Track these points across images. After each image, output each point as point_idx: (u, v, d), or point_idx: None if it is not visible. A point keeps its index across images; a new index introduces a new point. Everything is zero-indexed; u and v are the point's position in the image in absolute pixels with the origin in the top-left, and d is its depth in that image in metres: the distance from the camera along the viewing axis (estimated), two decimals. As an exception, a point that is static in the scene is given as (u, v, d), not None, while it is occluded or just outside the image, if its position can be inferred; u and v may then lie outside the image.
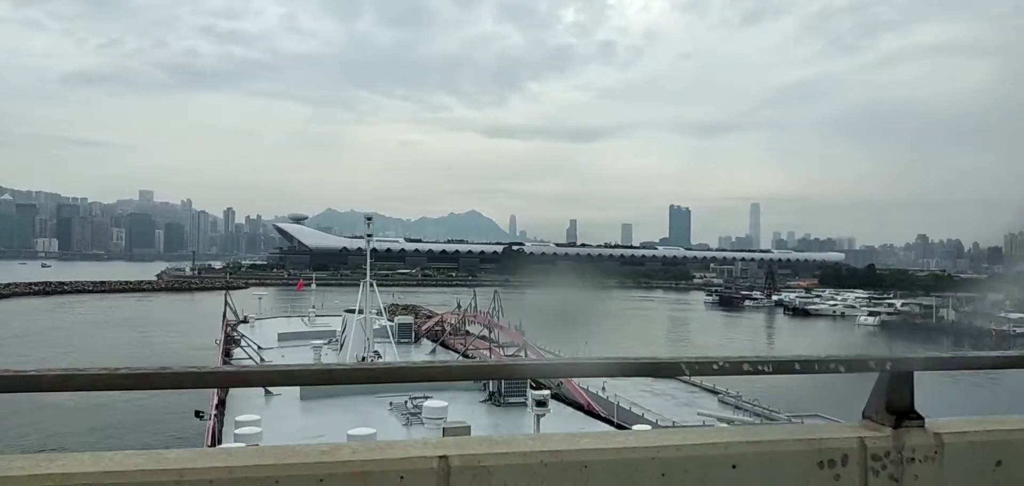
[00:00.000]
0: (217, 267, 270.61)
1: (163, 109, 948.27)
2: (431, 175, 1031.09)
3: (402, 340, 50.09)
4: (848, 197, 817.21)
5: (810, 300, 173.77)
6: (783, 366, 2.91)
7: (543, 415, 23.48)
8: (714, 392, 45.00)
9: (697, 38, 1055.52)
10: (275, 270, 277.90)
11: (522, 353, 44.81)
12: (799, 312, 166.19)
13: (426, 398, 25.63)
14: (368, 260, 39.66)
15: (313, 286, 49.97)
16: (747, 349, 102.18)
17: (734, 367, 2.93)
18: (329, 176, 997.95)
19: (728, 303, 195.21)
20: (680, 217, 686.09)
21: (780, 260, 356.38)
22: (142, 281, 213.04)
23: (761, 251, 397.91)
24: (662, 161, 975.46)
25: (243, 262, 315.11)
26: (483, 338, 52.69)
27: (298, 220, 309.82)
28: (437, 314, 71.90)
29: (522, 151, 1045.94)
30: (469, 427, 21.09)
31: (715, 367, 2.90)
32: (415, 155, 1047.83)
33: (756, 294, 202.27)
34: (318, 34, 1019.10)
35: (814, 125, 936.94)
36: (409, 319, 56.59)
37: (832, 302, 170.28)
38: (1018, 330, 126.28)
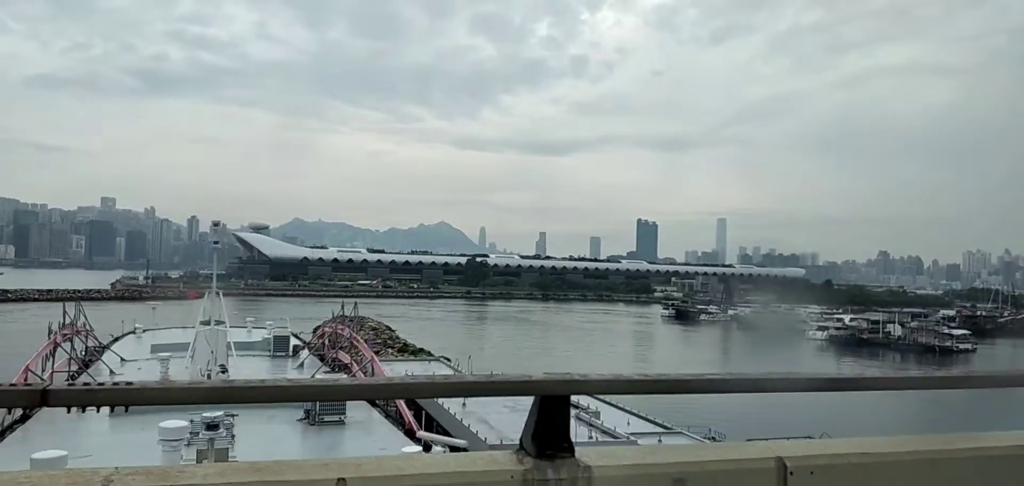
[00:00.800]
0: (174, 276, 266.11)
1: (129, 115, 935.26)
2: (401, 186, 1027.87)
3: (277, 353, 49.24)
4: (813, 213, 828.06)
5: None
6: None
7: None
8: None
9: (668, 55, 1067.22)
10: (233, 280, 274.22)
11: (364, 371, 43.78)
12: (751, 327, 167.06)
13: (232, 417, 24.50)
14: (215, 268, 38.54)
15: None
16: (663, 362, 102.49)
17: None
18: (298, 185, 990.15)
19: (684, 316, 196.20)
20: (647, 231, 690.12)
21: (742, 275, 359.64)
22: (92, 290, 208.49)
23: (724, 266, 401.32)
24: (631, 175, 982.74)
25: (200, 272, 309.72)
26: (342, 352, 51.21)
27: (259, 229, 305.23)
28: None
29: (493, 163, 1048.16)
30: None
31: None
32: (385, 165, 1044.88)
33: (712, 308, 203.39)
34: (289, 42, 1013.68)
35: (781, 142, 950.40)
36: (285, 332, 55.56)
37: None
38: (961, 346, 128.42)
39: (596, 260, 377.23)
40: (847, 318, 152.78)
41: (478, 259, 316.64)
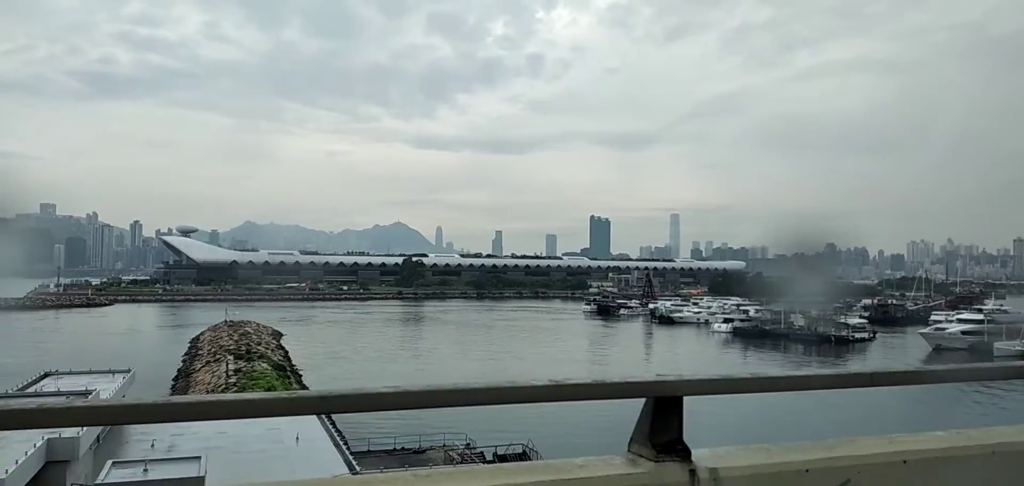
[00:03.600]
0: (94, 284, 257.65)
1: (75, 119, 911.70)
2: (358, 187, 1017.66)
3: None
4: (766, 207, 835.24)
5: (678, 308, 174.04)
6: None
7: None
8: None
9: (623, 53, 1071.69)
10: (158, 285, 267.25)
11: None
12: (665, 320, 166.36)
13: None
14: None
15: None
16: (557, 357, 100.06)
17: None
18: (251, 188, 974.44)
19: (605, 312, 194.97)
20: (600, 227, 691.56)
21: (683, 269, 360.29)
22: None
23: (665, 261, 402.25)
24: (588, 173, 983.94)
25: (122, 278, 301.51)
26: None
27: (187, 233, 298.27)
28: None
29: (451, 163, 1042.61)
30: None
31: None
32: (341, 166, 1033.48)
33: (632, 303, 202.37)
34: (242, 43, 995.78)
35: (734, 137, 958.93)
36: None
37: (697, 310, 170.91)
38: (856, 336, 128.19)
39: (538, 257, 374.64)
40: (752, 310, 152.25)
41: (414, 259, 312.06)
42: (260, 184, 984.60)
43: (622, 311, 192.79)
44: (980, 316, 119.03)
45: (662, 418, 2.68)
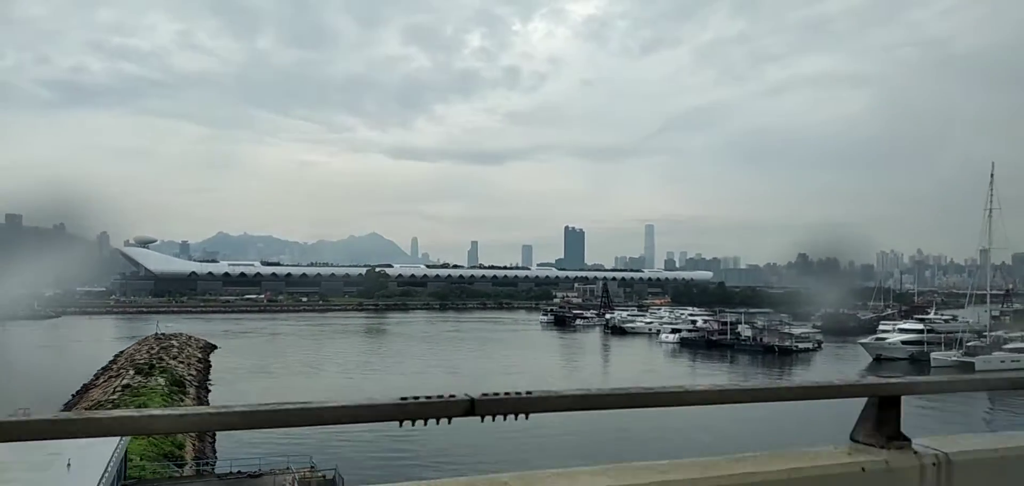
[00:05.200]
0: (48, 294, 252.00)
1: (44, 128, 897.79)
2: (333, 197, 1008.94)
3: None
4: (738, 218, 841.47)
5: (631, 319, 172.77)
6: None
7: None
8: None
9: (598, 65, 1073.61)
10: (114, 297, 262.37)
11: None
12: (617, 330, 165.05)
13: None
14: None
15: None
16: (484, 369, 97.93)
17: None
18: (225, 198, 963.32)
19: (561, 322, 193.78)
20: (574, 238, 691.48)
21: (650, 279, 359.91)
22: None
23: (631, 271, 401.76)
24: (564, 184, 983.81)
25: (76, 289, 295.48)
26: None
27: (145, 243, 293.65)
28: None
29: (427, 173, 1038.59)
30: None
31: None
32: (316, 176, 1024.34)
33: (587, 313, 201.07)
34: (215, 52, 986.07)
35: (708, 150, 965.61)
36: None
37: (648, 320, 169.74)
38: (800, 346, 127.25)
39: (506, 268, 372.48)
40: (700, 320, 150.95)
41: (378, 270, 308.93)
42: (233, 195, 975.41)
43: (578, 322, 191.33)
44: (920, 326, 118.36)
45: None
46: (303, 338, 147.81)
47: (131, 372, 73.53)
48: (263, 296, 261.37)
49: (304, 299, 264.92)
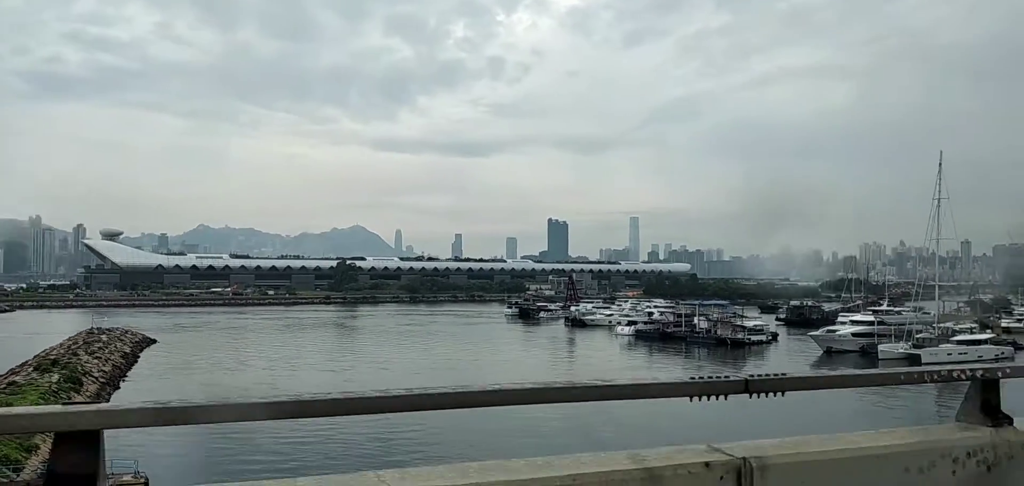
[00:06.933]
0: (9, 289, 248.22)
1: (20, 120, 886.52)
2: (316, 189, 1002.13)
3: None
4: (722, 210, 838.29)
5: (591, 312, 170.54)
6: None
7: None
8: None
9: (583, 57, 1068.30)
10: (77, 290, 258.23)
11: None
12: (578, 323, 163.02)
13: None
14: None
15: None
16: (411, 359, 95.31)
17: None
18: (205, 191, 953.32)
19: (526, 315, 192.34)
20: (557, 230, 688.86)
21: (627, 271, 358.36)
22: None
23: (610, 264, 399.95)
24: (549, 176, 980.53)
25: (40, 283, 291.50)
26: None
27: (111, 237, 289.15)
28: None
29: (411, 165, 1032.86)
30: None
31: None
32: (299, 168, 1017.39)
33: (552, 306, 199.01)
34: (195, 43, 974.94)
35: (692, 141, 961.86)
36: None
37: (608, 313, 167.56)
38: (753, 339, 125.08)
39: (482, 261, 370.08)
40: (657, 312, 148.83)
41: (348, 262, 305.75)
42: (214, 187, 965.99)
43: (541, 314, 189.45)
44: (871, 318, 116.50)
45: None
46: (254, 332, 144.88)
47: (30, 369, 70.45)
48: (229, 289, 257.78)
49: (271, 293, 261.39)
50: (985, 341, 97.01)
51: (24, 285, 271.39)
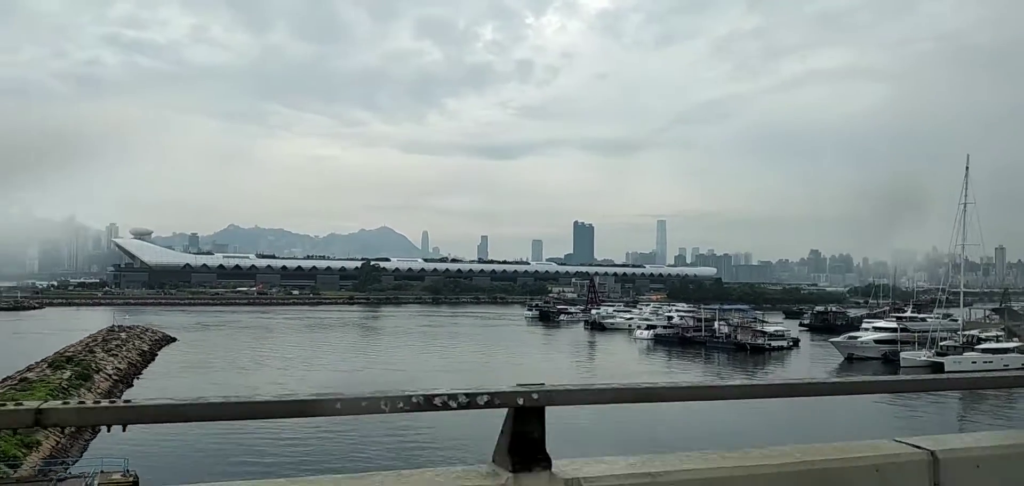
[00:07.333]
0: (40, 287, 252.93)
1: (60, 119, 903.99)
2: (345, 191, 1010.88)
3: None
4: (751, 213, 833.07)
5: (611, 316, 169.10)
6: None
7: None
8: None
9: (612, 59, 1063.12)
10: (106, 288, 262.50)
11: None
12: (597, 326, 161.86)
13: None
14: None
15: None
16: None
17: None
18: (237, 191, 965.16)
19: (546, 317, 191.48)
20: (583, 233, 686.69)
21: (651, 275, 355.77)
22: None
23: (634, 267, 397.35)
24: (577, 178, 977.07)
25: (70, 281, 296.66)
26: None
27: (141, 236, 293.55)
28: None
29: (439, 167, 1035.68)
30: None
31: None
32: (329, 170, 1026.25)
33: (573, 309, 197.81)
34: (230, 46, 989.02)
35: (722, 144, 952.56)
36: None
37: (628, 316, 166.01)
38: (773, 344, 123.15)
39: (507, 263, 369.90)
40: (677, 316, 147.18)
41: (372, 263, 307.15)
42: (246, 188, 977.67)
43: (562, 317, 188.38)
44: (894, 325, 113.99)
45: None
46: (276, 332, 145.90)
47: (45, 366, 71.40)
48: (254, 289, 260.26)
49: (295, 293, 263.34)
50: (1012, 350, 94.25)
51: (55, 283, 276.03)
